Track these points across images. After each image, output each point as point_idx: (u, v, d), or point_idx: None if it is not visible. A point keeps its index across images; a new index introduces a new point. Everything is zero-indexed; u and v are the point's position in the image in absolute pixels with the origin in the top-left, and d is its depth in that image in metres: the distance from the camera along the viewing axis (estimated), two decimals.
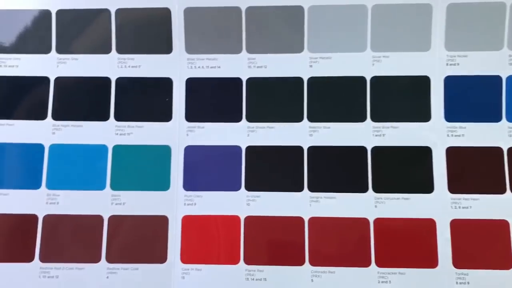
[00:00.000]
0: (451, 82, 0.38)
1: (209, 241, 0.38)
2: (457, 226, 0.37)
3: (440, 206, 0.37)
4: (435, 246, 0.37)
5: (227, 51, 0.40)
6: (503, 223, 0.37)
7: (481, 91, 0.38)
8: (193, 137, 0.39)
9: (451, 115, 0.38)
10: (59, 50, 0.40)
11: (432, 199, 0.37)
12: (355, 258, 0.37)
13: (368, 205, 0.38)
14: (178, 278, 0.37)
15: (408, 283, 0.36)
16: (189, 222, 0.38)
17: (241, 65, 0.39)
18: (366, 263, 0.37)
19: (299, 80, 0.39)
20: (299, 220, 0.38)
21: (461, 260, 0.36)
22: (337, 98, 0.39)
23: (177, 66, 0.40)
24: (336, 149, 0.38)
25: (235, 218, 0.38)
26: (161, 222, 0.38)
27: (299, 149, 0.39)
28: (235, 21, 0.39)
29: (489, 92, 0.38)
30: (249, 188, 0.38)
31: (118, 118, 0.39)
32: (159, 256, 0.38)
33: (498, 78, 0.38)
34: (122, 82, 0.40)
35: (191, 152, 0.39)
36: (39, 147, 0.39)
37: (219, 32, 0.40)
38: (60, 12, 0.40)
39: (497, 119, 0.38)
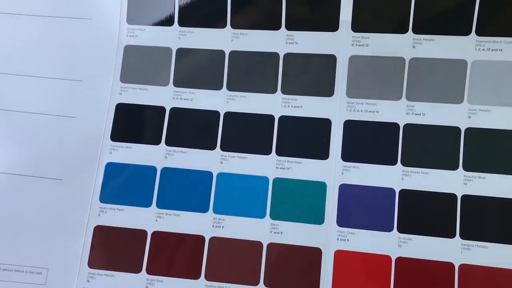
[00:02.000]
0: None
1: (359, 277, 0.40)
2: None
3: None
4: None
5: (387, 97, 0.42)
6: None
7: None
8: (348, 176, 0.42)
9: None
10: (230, 88, 0.44)
11: None
12: None
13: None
14: None
15: None
16: (341, 256, 0.41)
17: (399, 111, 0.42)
18: None
19: (456, 129, 0.41)
20: (450, 265, 0.39)
21: None
22: (494, 150, 0.40)
23: (337, 109, 0.42)
24: (490, 199, 0.40)
25: (386, 258, 0.40)
26: (315, 253, 0.41)
27: (453, 196, 0.40)
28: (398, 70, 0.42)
29: None
30: (401, 230, 0.40)
31: (279, 153, 0.43)
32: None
33: None
34: (285, 120, 0.43)
35: (345, 190, 0.42)
36: (209, 174, 0.43)
37: (380, 80, 0.42)
38: (232, 53, 0.44)
39: None
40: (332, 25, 0.43)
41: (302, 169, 0.42)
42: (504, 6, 0.40)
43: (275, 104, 0.43)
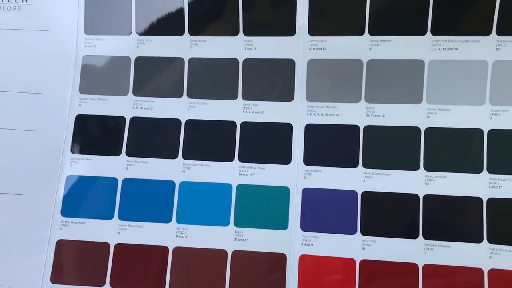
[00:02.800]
0: None
1: (325, 282, 0.40)
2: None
3: None
4: None
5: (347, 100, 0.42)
6: None
7: None
8: (310, 180, 0.42)
9: None
10: (190, 95, 0.44)
11: None
12: None
13: (483, 256, 0.39)
14: None
15: None
16: (306, 261, 0.41)
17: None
18: None
19: (416, 129, 0.41)
20: (414, 266, 0.39)
21: None
22: (454, 149, 0.40)
23: (298, 113, 0.42)
24: (452, 198, 0.40)
25: (351, 261, 0.40)
26: (280, 259, 0.41)
27: (414, 196, 0.40)
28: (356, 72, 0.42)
29: None
30: (364, 232, 0.40)
31: (241, 159, 0.42)
32: None
33: None
34: (246, 126, 0.43)
35: (308, 194, 0.41)
36: (171, 184, 0.43)
37: (339, 82, 0.42)
38: (192, 60, 0.44)
39: None
40: (289, 29, 0.43)
41: (265, 174, 0.42)
42: (458, 6, 0.41)
43: (236, 110, 0.43)
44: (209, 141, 0.43)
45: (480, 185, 0.40)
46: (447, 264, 0.39)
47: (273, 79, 0.43)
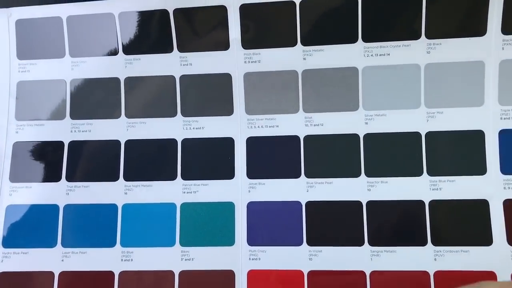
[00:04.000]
0: (505, 136, 0.39)
1: None
2: None
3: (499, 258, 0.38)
4: None
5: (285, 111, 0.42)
6: None
7: None
8: (254, 193, 0.41)
9: (507, 167, 0.39)
10: (128, 115, 0.43)
11: (491, 251, 0.38)
12: None
13: (428, 259, 0.39)
14: None
15: None
16: (254, 276, 0.40)
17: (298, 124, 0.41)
18: None
19: (355, 136, 0.41)
20: (361, 274, 0.39)
21: None
22: (393, 153, 0.40)
23: (238, 127, 0.42)
24: (395, 203, 0.40)
25: (298, 273, 0.40)
26: (228, 277, 0.40)
27: (358, 204, 0.40)
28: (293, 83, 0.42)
29: None
30: (310, 243, 0.40)
31: (184, 177, 0.42)
32: None
33: None
34: (188, 143, 0.42)
35: (253, 207, 0.41)
36: (113, 207, 0.42)
37: (276, 94, 0.42)
38: (128, 79, 0.43)
39: None
40: (223, 44, 0.42)
41: (209, 191, 0.42)
42: (387, 12, 0.41)
43: (176, 128, 0.43)
44: (151, 160, 0.42)
45: (421, 188, 0.40)
46: (394, 270, 0.39)
47: (211, 94, 0.42)
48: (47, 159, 0.43)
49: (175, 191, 0.42)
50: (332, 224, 0.40)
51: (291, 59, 0.41)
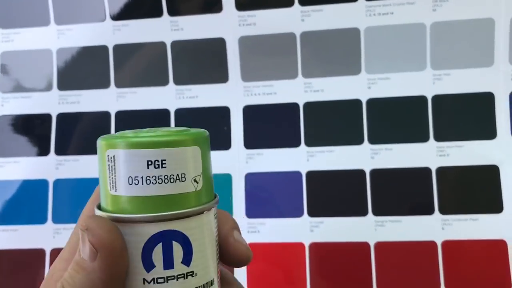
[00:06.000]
0: None
1: (274, 270, 0.38)
2: None
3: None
4: (508, 268, 0.36)
5: (283, 77, 0.39)
6: None
7: None
8: (252, 164, 0.39)
9: None
10: (118, 85, 0.41)
11: (501, 219, 0.36)
12: (423, 282, 0.36)
13: (435, 228, 0.37)
14: None
15: None
16: (253, 250, 0.38)
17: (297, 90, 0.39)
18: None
19: (357, 102, 0.39)
20: (365, 245, 0.38)
21: None
22: (398, 119, 0.38)
23: (234, 95, 0.40)
24: (400, 171, 0.38)
25: (300, 246, 0.38)
26: None
27: (361, 172, 0.38)
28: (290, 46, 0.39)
29: None
30: (311, 214, 0.38)
31: None
32: None
33: None
34: (181, 112, 0.40)
35: (251, 179, 0.39)
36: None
37: (273, 59, 0.39)
38: (117, 47, 0.41)
39: None
40: (216, 6, 0.40)
41: None
42: None
43: (168, 97, 0.40)
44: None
45: (428, 154, 0.38)
46: (399, 240, 0.37)
47: (205, 61, 0.40)
48: (35, 132, 0.41)
49: None
50: (334, 194, 0.38)
51: (289, 21, 0.39)
